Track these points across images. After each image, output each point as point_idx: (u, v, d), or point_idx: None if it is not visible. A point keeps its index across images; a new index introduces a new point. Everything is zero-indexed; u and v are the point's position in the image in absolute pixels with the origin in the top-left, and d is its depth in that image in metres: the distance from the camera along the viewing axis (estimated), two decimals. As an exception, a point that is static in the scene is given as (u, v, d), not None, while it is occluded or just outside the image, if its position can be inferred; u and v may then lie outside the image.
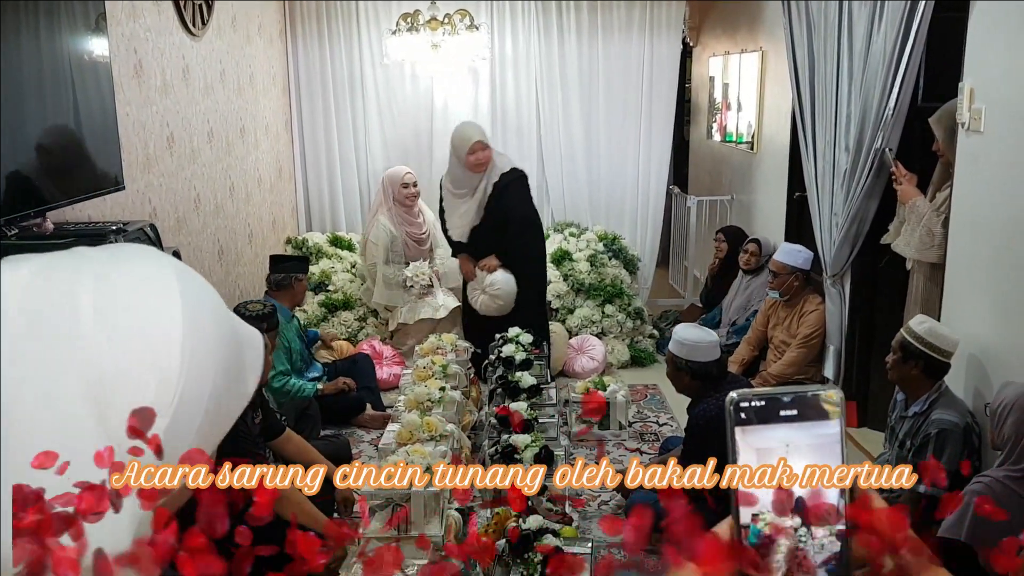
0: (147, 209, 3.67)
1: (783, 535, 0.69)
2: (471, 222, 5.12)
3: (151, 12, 3.76)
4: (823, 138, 4.45)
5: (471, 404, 4.42)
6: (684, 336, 3.49)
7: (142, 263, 0.64)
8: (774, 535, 0.69)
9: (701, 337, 3.47)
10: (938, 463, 0.72)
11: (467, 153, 4.94)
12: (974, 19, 3.32)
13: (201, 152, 4.39)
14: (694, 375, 3.46)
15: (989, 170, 3.24)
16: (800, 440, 0.70)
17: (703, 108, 7.73)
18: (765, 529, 0.70)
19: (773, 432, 0.71)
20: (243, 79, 5.21)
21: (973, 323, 3.34)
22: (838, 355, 4.59)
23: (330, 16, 6.32)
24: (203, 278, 0.71)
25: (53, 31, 2.62)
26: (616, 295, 5.95)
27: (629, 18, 6.41)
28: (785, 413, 0.71)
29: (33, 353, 0.58)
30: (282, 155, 6.20)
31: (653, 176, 6.66)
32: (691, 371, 3.46)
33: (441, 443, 3.38)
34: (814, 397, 0.70)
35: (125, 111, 3.41)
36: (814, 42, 4.47)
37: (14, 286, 0.59)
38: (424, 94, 6.47)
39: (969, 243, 3.40)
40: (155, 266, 0.65)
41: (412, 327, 5.66)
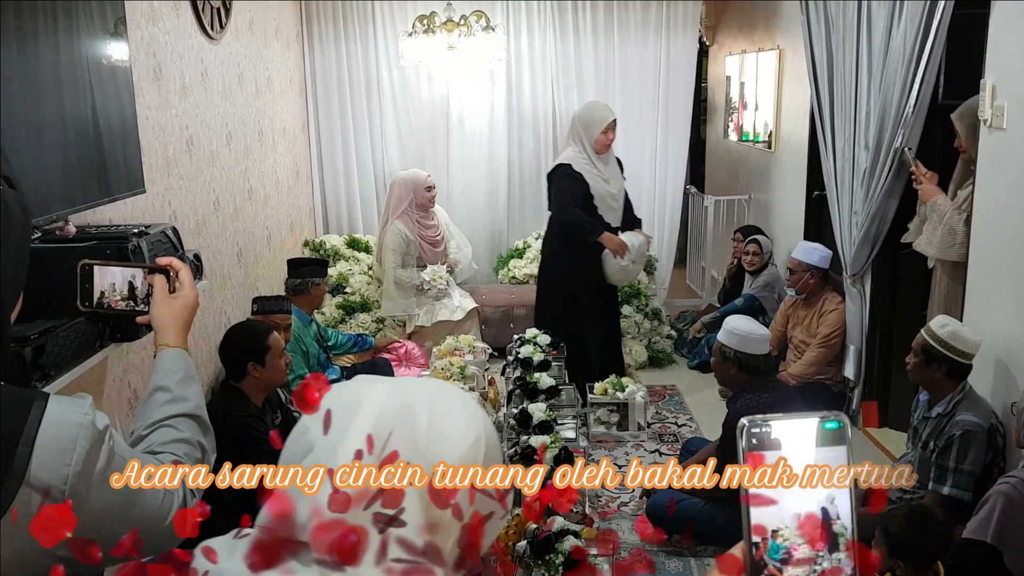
0: (167, 212, 3.68)
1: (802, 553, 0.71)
2: (623, 204, 5.02)
3: (170, 16, 3.78)
4: (842, 136, 4.43)
5: (489, 405, 4.42)
6: (735, 326, 3.42)
7: (451, 394, 0.90)
8: (793, 552, 0.71)
9: (753, 329, 3.40)
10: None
11: (602, 132, 4.81)
12: (995, 15, 3.29)
13: (220, 155, 4.41)
14: (741, 367, 3.38)
15: (1012, 167, 3.21)
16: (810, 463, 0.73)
17: (719, 107, 7.70)
18: (785, 545, 0.71)
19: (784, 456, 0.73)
20: (260, 82, 5.24)
21: (997, 322, 3.31)
22: (858, 355, 4.56)
23: (346, 18, 6.34)
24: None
25: (72, 35, 2.64)
26: (634, 296, 5.93)
27: (645, 18, 6.39)
28: (793, 439, 0.73)
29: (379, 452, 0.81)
30: (299, 157, 6.22)
31: (670, 176, 6.63)
32: (739, 362, 3.37)
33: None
34: (821, 422, 0.73)
35: (145, 114, 3.42)
36: (833, 40, 4.44)
37: (374, 400, 0.85)
38: (440, 96, 6.48)
39: (992, 241, 3.37)
40: (459, 396, 0.91)
41: (430, 329, 5.66)
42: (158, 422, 1.31)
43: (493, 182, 6.61)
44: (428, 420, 0.84)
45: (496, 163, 6.58)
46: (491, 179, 6.60)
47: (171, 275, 1.48)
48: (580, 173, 4.81)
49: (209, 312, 4.24)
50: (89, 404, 1.11)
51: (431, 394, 0.88)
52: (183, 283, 1.49)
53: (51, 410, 1.07)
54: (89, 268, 1.47)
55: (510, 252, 6.61)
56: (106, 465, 1.10)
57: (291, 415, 3.55)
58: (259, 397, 3.28)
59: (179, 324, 1.46)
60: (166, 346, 1.43)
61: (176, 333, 1.45)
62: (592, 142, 4.82)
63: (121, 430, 3.20)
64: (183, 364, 1.41)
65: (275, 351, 3.28)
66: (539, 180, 6.63)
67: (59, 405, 1.08)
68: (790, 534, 0.72)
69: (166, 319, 1.45)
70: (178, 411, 1.33)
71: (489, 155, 6.56)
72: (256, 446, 3.08)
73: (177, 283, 1.49)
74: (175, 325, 1.45)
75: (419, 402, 0.86)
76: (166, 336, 1.44)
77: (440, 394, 0.89)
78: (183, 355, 1.43)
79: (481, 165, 6.58)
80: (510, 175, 6.62)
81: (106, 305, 1.48)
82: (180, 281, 1.49)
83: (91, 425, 1.09)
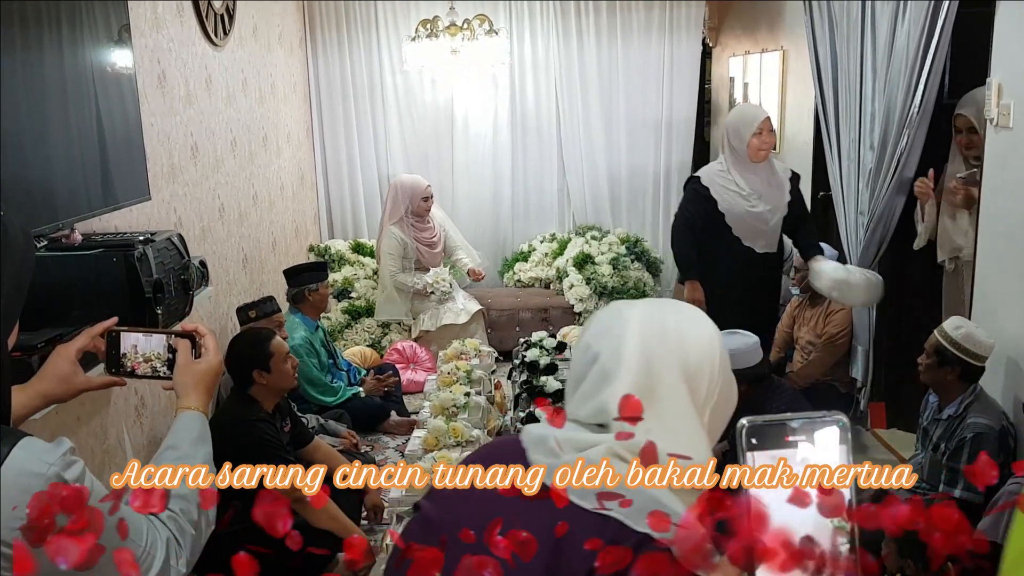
0: (172, 219, 3.69)
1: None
2: (777, 227, 4.30)
3: (174, 23, 3.78)
4: (847, 137, 4.41)
5: (496, 409, 4.42)
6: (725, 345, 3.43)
7: (687, 307, 1.18)
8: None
9: (738, 344, 3.37)
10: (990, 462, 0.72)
11: (754, 134, 4.15)
12: (1000, 14, 3.28)
13: (225, 161, 4.41)
14: (740, 382, 3.38)
15: (1019, 166, 3.19)
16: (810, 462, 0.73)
17: (723, 109, 7.67)
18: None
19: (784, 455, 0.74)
20: (264, 88, 5.24)
21: (1005, 321, 3.29)
22: (866, 356, 4.54)
23: (350, 24, 6.34)
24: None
25: (76, 43, 2.64)
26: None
27: (648, 20, 6.39)
28: (793, 439, 0.74)
29: (648, 351, 1.09)
30: (304, 163, 6.22)
31: (674, 178, 6.62)
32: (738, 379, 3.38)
33: (467, 449, 3.38)
34: (822, 422, 0.74)
35: (150, 121, 3.43)
36: (836, 40, 4.43)
37: (634, 319, 1.12)
38: (444, 99, 6.48)
39: (1000, 241, 3.35)
40: (693, 309, 1.19)
41: (435, 333, 5.66)
42: None
43: (497, 185, 6.61)
44: (675, 323, 1.13)
45: (500, 166, 6.58)
46: (495, 182, 6.61)
47: (196, 340, 1.49)
48: (707, 188, 4.25)
49: (215, 318, 4.24)
50: (60, 453, 1.06)
51: (674, 308, 1.17)
52: (207, 348, 1.49)
53: (14, 457, 1.02)
54: (116, 335, 1.50)
55: (515, 255, 6.60)
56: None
57: (300, 423, 3.55)
58: (270, 403, 3.27)
59: (201, 388, 1.46)
60: (187, 409, 1.43)
61: (198, 397, 1.45)
62: (744, 148, 4.18)
63: (128, 438, 3.20)
64: (198, 426, 1.41)
65: (279, 356, 3.27)
66: (543, 183, 6.64)
67: (25, 452, 1.03)
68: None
69: (188, 384, 1.45)
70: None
71: (493, 159, 6.57)
72: (267, 450, 3.09)
73: (203, 348, 1.49)
74: (197, 389, 1.45)
75: (667, 313, 1.15)
76: (187, 400, 1.44)
77: (680, 308, 1.18)
78: (201, 418, 1.42)
79: (485, 169, 6.58)
80: (514, 178, 6.62)
81: (130, 369, 1.50)
82: (205, 347, 1.49)
83: (55, 477, 1.04)
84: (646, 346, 1.09)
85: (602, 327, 1.13)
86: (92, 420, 2.93)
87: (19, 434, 1.06)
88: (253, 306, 4.14)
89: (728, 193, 4.22)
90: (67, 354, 1.46)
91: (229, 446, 1.46)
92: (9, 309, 1.12)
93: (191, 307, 2.98)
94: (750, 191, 4.20)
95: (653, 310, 1.15)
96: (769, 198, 4.22)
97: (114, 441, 3.11)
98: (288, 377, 3.30)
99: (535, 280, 6.37)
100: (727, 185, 4.22)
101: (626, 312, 1.14)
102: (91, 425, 2.92)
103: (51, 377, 1.45)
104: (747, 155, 4.17)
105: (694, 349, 1.11)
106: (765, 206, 4.22)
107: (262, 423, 3.15)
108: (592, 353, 1.11)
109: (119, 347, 1.50)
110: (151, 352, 1.50)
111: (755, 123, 4.15)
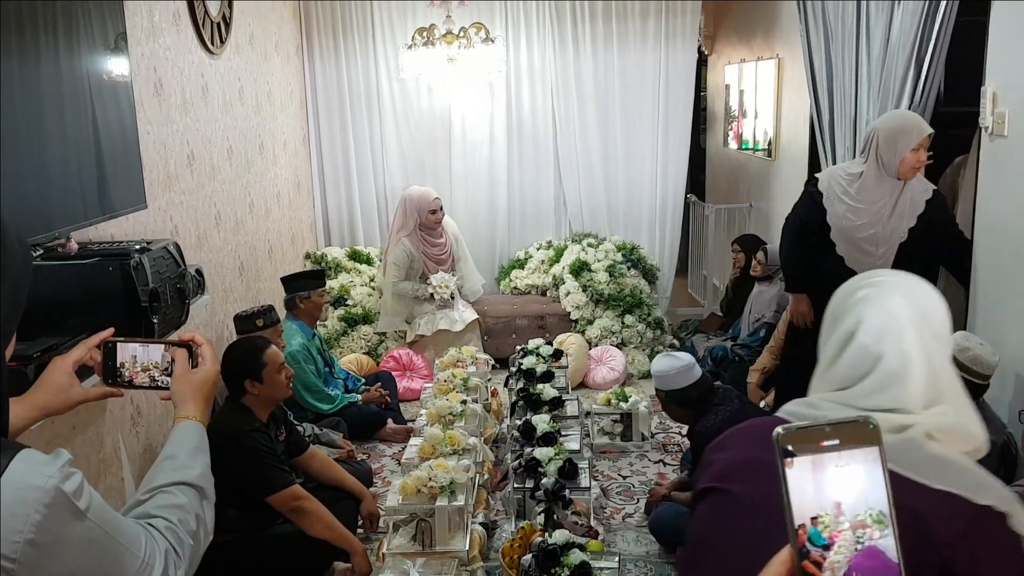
0: (169, 227, 3.68)
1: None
2: (891, 254, 3.67)
3: (170, 31, 3.79)
4: (843, 144, 4.43)
5: (493, 417, 4.41)
6: (655, 369, 3.61)
7: (927, 288, 1.33)
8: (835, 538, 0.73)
9: (671, 365, 3.53)
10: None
11: (912, 150, 3.56)
12: (995, 22, 3.29)
13: (221, 169, 4.41)
14: (678, 403, 3.54)
15: (1014, 174, 3.20)
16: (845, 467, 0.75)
17: (719, 116, 7.71)
18: (825, 532, 0.73)
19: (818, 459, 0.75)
20: (261, 96, 5.24)
21: (1002, 330, 3.30)
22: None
23: (346, 32, 6.35)
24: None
25: (73, 51, 2.64)
26: (635, 305, 5.92)
27: (644, 28, 6.40)
28: (827, 443, 0.75)
29: (927, 349, 1.25)
30: (300, 171, 6.22)
31: (671, 185, 6.63)
32: (675, 400, 3.53)
33: (464, 456, 3.37)
34: (853, 424, 0.76)
35: (146, 130, 3.43)
36: (831, 48, 4.45)
37: (903, 315, 1.27)
38: (441, 108, 6.49)
39: (995, 249, 3.36)
40: (931, 288, 1.34)
41: (430, 339, 5.66)
42: (158, 488, 1.29)
43: (494, 193, 6.62)
44: (934, 311, 1.28)
45: (497, 174, 6.59)
46: (492, 190, 6.61)
47: (193, 349, 1.49)
48: (822, 194, 3.78)
49: (212, 327, 4.23)
50: (59, 465, 1.05)
51: (921, 291, 1.31)
52: (204, 358, 1.49)
53: (12, 470, 1.00)
54: (112, 345, 1.49)
55: (511, 263, 6.60)
56: (69, 532, 1.03)
57: (296, 431, 3.54)
58: (263, 413, 3.26)
59: (199, 398, 1.45)
60: (184, 418, 1.42)
61: (196, 407, 1.44)
62: (896, 162, 3.58)
63: (124, 447, 3.19)
64: (196, 436, 1.40)
65: (272, 366, 3.25)
66: (539, 190, 6.65)
67: (23, 465, 1.02)
68: (830, 520, 0.74)
69: (186, 393, 1.45)
70: (180, 478, 1.31)
71: (490, 166, 6.57)
72: (261, 459, 3.07)
73: (200, 358, 1.49)
74: (195, 399, 1.45)
75: (922, 300, 1.30)
76: (185, 409, 1.43)
77: (924, 290, 1.32)
78: (199, 428, 1.42)
79: (482, 176, 6.58)
80: (511, 186, 6.62)
81: (128, 380, 1.50)
82: (202, 356, 1.49)
83: (54, 489, 1.02)
84: (924, 344, 1.24)
85: (878, 325, 1.26)
86: (88, 429, 2.92)
87: (17, 446, 1.04)
88: (260, 315, 4.14)
89: (840, 204, 3.71)
90: (64, 366, 1.46)
91: (222, 455, 1.45)
92: (7, 319, 1.11)
93: (187, 316, 2.98)
94: (866, 208, 3.66)
95: (914, 303, 1.28)
96: (888, 222, 3.65)
97: (110, 450, 3.10)
98: (281, 388, 3.28)
99: (531, 287, 6.37)
100: (842, 196, 3.70)
101: (890, 306, 1.27)
102: (87, 434, 2.92)
103: (48, 389, 1.45)
104: (897, 170, 3.59)
105: (945, 330, 1.29)
106: (877, 230, 3.66)
107: (255, 432, 3.13)
108: (874, 354, 1.25)
109: (116, 358, 1.49)
110: (149, 362, 1.49)
111: (917, 137, 3.55)
